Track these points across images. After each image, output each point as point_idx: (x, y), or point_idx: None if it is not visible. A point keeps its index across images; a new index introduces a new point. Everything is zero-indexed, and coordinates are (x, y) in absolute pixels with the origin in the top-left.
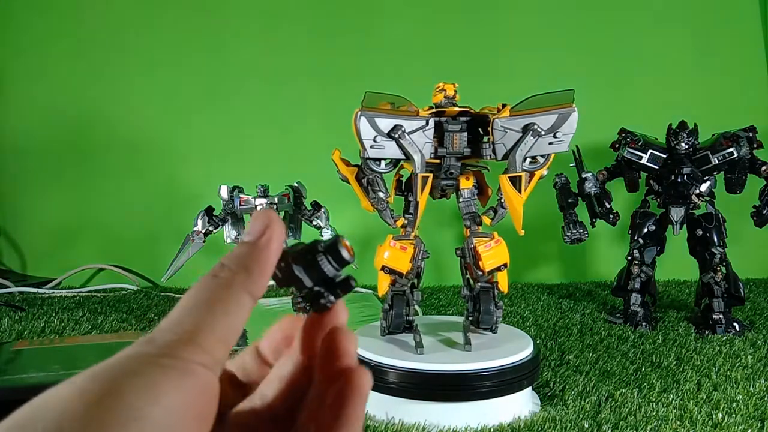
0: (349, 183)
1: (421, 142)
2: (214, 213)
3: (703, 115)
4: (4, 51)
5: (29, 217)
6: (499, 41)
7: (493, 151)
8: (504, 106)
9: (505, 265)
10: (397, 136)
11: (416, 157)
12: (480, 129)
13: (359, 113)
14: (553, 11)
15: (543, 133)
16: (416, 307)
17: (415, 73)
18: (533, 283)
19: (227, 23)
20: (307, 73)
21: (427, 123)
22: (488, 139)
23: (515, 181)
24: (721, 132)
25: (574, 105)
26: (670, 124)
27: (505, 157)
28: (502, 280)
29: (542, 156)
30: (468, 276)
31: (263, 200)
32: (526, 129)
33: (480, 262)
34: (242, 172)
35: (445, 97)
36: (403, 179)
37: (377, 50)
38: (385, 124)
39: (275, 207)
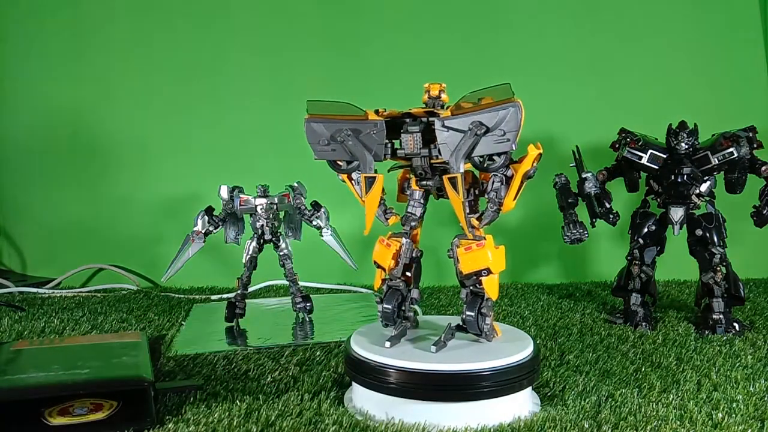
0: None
1: (372, 144)
2: (214, 213)
3: (703, 115)
4: (5, 52)
5: (29, 217)
6: (498, 37)
7: (439, 151)
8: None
9: (488, 271)
10: (340, 139)
11: (362, 159)
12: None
13: (305, 120)
14: (554, 10)
15: (481, 131)
16: (416, 306)
17: (416, 73)
18: (533, 283)
19: (226, 22)
20: (307, 73)
21: (377, 125)
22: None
23: (454, 183)
24: (721, 132)
25: (516, 99)
26: (670, 124)
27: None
28: (488, 286)
29: (499, 155)
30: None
31: (263, 200)
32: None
33: (459, 264)
34: (242, 172)
35: (429, 97)
36: (410, 176)
37: (379, 50)
38: (329, 128)
39: (275, 207)
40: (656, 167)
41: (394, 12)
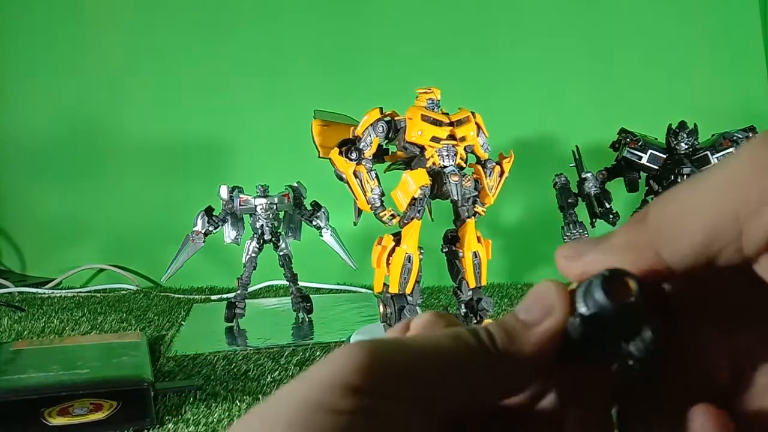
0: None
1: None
2: (214, 213)
3: (703, 115)
4: (6, 49)
5: (29, 216)
6: (498, 37)
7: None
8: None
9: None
10: None
11: None
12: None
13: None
14: (554, 10)
15: None
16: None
17: (414, 73)
18: (533, 283)
19: (227, 21)
20: (308, 72)
21: None
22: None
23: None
24: (721, 132)
25: None
26: (670, 124)
27: None
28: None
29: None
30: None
31: (263, 200)
32: None
33: None
34: (242, 171)
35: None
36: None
37: (380, 50)
38: None
39: (275, 207)
40: (656, 167)
41: (394, 12)
